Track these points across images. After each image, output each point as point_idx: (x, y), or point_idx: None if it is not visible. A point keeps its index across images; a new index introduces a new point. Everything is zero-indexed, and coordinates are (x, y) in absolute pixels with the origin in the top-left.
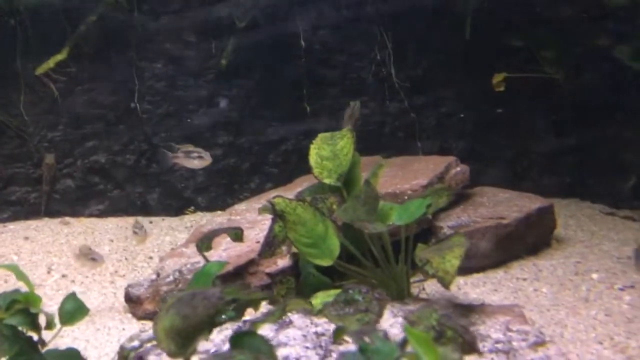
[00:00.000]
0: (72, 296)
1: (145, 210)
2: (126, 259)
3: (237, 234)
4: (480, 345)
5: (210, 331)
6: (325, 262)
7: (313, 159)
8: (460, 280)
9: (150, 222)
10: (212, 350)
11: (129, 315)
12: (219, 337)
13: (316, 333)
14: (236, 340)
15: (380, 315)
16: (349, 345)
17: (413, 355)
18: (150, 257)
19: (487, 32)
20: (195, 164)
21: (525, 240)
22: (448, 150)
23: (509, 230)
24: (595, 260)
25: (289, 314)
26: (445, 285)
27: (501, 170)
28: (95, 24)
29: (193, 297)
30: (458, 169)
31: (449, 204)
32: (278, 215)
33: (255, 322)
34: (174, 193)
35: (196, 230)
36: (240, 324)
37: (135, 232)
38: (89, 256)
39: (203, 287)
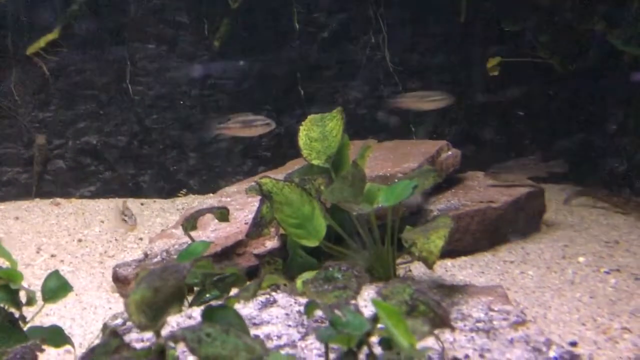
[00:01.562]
0: (55, 274)
1: (137, 192)
2: (116, 239)
3: (222, 214)
4: (461, 324)
5: (181, 303)
6: (312, 243)
7: (302, 140)
8: (449, 262)
9: (142, 204)
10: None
11: (117, 294)
12: (199, 313)
13: (299, 312)
14: (208, 313)
15: (358, 292)
16: None
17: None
18: (140, 239)
19: (482, 16)
20: (257, 131)
21: (514, 224)
22: (441, 135)
23: (498, 214)
24: (583, 244)
25: (274, 293)
26: (429, 265)
27: (495, 155)
28: (86, 3)
29: (164, 271)
30: (449, 152)
31: (440, 188)
32: (265, 196)
33: (230, 298)
34: (166, 175)
35: (187, 212)
36: (222, 301)
37: (124, 220)
38: (123, 216)
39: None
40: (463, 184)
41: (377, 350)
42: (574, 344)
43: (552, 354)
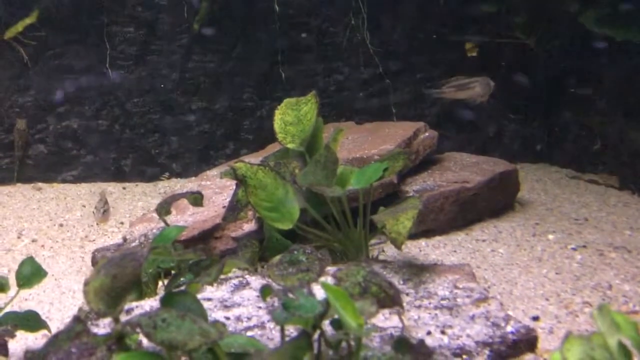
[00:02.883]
0: (29, 260)
1: (120, 176)
2: (97, 224)
3: (196, 199)
4: (427, 302)
5: (138, 291)
6: (285, 226)
7: (277, 124)
8: (423, 242)
9: (124, 188)
10: None
11: None
12: None
13: None
14: (167, 299)
15: (320, 274)
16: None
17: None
18: (122, 223)
19: None
20: (476, 92)
21: (488, 203)
22: (422, 116)
23: (472, 193)
24: (554, 222)
25: (247, 276)
26: (397, 246)
27: (473, 136)
28: None
29: (122, 258)
30: (426, 134)
31: (416, 169)
32: (239, 180)
33: (191, 283)
34: (148, 159)
35: (167, 196)
36: None
37: (93, 212)
38: (102, 209)
39: (135, 249)
40: (440, 165)
41: (330, 330)
42: (536, 318)
43: (509, 328)
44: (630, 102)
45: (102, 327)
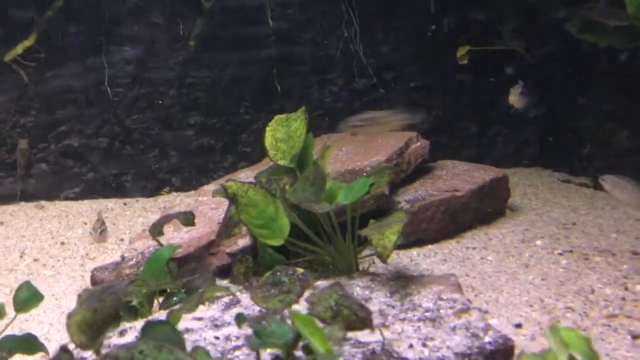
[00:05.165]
0: (26, 284)
1: (121, 192)
2: (95, 244)
3: (187, 219)
4: (411, 315)
5: (117, 323)
6: (276, 242)
7: (268, 141)
8: (414, 252)
9: (125, 204)
10: None
11: None
12: None
13: (260, 311)
14: (146, 329)
15: (300, 295)
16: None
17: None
18: (122, 239)
19: (452, 6)
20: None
21: (479, 211)
22: (416, 125)
23: (462, 201)
24: (542, 227)
25: (239, 294)
26: (383, 260)
27: (468, 143)
28: (62, 8)
29: (103, 292)
30: (418, 144)
31: (408, 178)
32: (230, 199)
33: (173, 312)
34: (148, 174)
35: (166, 211)
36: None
37: (91, 233)
38: (99, 230)
39: (116, 282)
40: (432, 174)
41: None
42: (518, 325)
43: (487, 339)
44: (617, 105)
45: (90, 354)
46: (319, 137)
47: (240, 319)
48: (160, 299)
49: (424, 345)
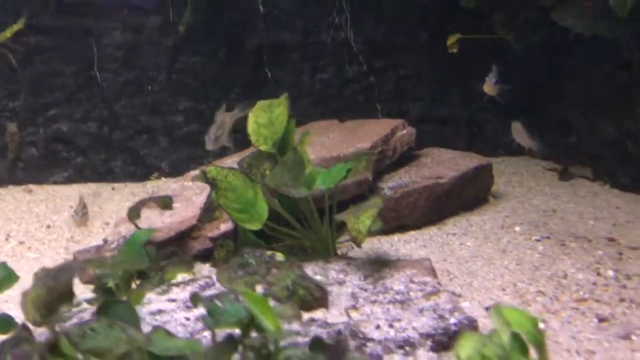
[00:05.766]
0: (1, 265)
1: (110, 176)
2: (84, 225)
3: (165, 202)
4: (382, 297)
5: (71, 301)
6: (255, 226)
7: (251, 126)
8: (396, 237)
9: (113, 189)
10: None
11: (76, 280)
12: None
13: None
14: (102, 308)
15: (265, 276)
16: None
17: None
18: (107, 223)
19: None
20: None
21: (462, 198)
22: (406, 113)
23: (445, 188)
24: (523, 214)
25: (214, 276)
26: (358, 243)
27: (457, 131)
28: None
29: (58, 271)
30: (404, 131)
31: (394, 166)
32: (210, 183)
33: (137, 292)
34: (137, 159)
35: (138, 201)
36: (165, 286)
37: (72, 216)
38: (80, 213)
39: (71, 261)
40: (418, 161)
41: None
42: (488, 308)
43: (452, 320)
44: (602, 95)
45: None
46: (309, 124)
47: (194, 299)
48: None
49: (391, 326)
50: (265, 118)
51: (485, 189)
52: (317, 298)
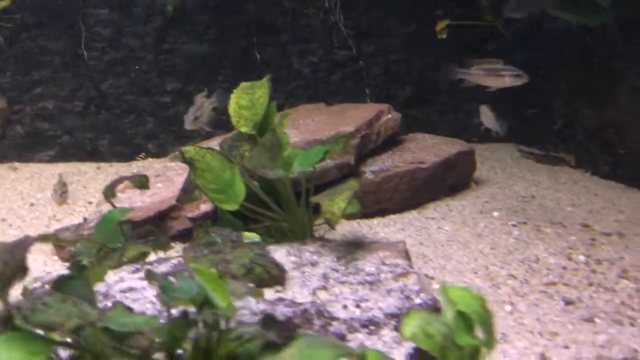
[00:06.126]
0: None
1: (96, 156)
2: (67, 203)
3: (141, 182)
4: (352, 278)
5: (24, 276)
6: (231, 207)
7: (232, 107)
8: (375, 221)
9: (98, 168)
10: (103, 290)
11: (56, 257)
12: (113, 278)
13: None
14: (58, 283)
15: (228, 255)
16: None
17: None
18: (90, 202)
19: None
20: (504, 82)
21: (443, 183)
22: (394, 97)
23: (427, 173)
24: (502, 200)
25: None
26: (331, 225)
27: (444, 117)
28: None
29: (14, 245)
30: (389, 116)
31: (378, 150)
32: (187, 163)
33: (96, 270)
34: (124, 139)
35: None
36: (139, 265)
37: (51, 195)
38: (59, 191)
39: (29, 237)
40: (402, 146)
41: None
42: None
43: (418, 300)
44: (585, 82)
45: None
46: (297, 107)
47: (149, 276)
48: None
49: (357, 306)
50: (247, 99)
51: (467, 174)
52: (274, 276)
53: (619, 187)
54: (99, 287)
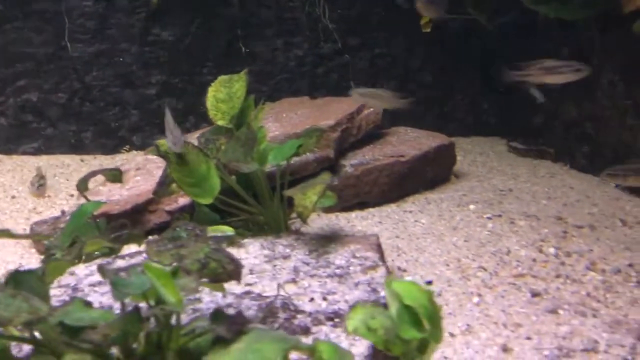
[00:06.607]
0: None
1: (80, 148)
2: (49, 196)
3: (114, 175)
4: (322, 271)
5: None
6: (206, 201)
7: (210, 101)
8: (354, 214)
9: (82, 160)
10: (72, 284)
11: (33, 250)
12: (83, 272)
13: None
14: (11, 278)
15: (192, 249)
16: None
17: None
18: (72, 195)
19: None
20: (567, 78)
21: (423, 176)
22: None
23: (406, 167)
24: (480, 193)
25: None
26: (304, 219)
27: (429, 110)
28: None
29: None
30: (371, 109)
31: (359, 144)
32: (162, 156)
33: (54, 264)
34: (108, 132)
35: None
36: (110, 259)
37: (28, 187)
38: (37, 184)
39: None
40: (384, 139)
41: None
42: (429, 282)
43: (383, 293)
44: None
45: None
46: (281, 100)
47: (100, 271)
48: None
49: (324, 299)
50: (224, 93)
51: (447, 168)
52: (229, 271)
53: (595, 180)
54: (69, 280)
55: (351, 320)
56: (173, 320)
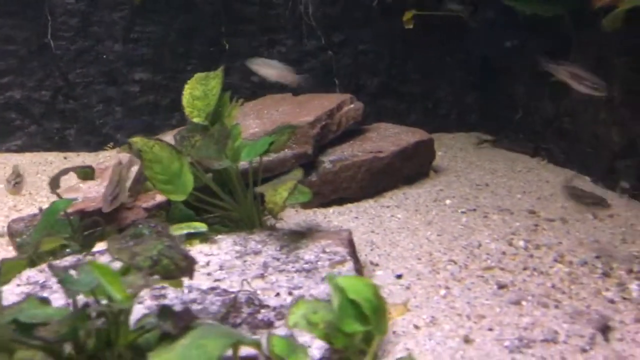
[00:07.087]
0: None
1: (64, 146)
2: (30, 193)
3: (85, 173)
4: (291, 266)
5: None
6: (179, 198)
7: (186, 98)
8: (331, 210)
9: (65, 158)
10: (41, 281)
11: (10, 248)
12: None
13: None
14: None
15: (151, 247)
16: None
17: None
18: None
19: None
20: (583, 89)
21: (402, 172)
22: (363, 87)
23: (384, 163)
24: (457, 188)
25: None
26: (274, 215)
27: (412, 106)
28: None
29: None
30: (351, 106)
31: (339, 140)
32: (135, 154)
33: (9, 262)
34: (92, 129)
35: (98, 165)
36: (81, 256)
37: (4, 185)
38: (13, 182)
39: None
40: (364, 136)
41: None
42: (399, 276)
43: None
44: (543, 73)
45: None
46: (264, 97)
47: (51, 269)
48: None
49: (290, 293)
50: (200, 90)
51: (426, 163)
52: (182, 268)
53: (570, 175)
54: (38, 277)
55: (292, 315)
56: (123, 317)
